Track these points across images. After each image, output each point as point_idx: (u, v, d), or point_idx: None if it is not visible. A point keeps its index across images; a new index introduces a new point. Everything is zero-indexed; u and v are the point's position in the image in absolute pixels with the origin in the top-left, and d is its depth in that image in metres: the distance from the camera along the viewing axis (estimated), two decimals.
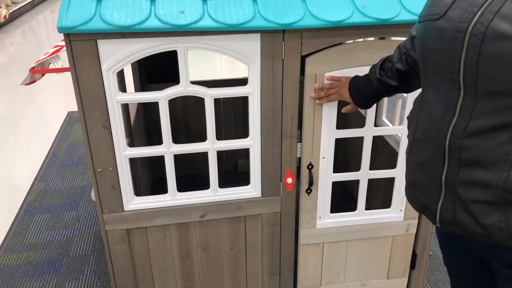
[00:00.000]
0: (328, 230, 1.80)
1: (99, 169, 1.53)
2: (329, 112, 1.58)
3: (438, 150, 0.98)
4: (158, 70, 2.50)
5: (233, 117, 2.81)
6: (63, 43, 1.85)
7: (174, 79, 2.68)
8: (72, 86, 1.40)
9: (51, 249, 2.35)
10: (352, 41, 1.58)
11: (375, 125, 2.25)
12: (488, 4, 0.88)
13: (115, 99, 1.44)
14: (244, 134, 2.84)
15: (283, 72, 1.50)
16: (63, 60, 1.69)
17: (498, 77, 0.87)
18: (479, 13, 0.89)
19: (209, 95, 1.49)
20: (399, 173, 1.74)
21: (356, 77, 1.46)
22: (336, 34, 1.47)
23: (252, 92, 1.51)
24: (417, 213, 1.84)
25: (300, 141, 1.64)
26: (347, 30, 1.46)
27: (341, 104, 1.52)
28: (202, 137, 1.58)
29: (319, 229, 1.79)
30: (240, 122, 2.82)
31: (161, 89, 1.47)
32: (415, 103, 1.13)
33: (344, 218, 1.79)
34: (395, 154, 1.93)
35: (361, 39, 1.67)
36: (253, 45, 1.44)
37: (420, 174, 1.06)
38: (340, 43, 1.51)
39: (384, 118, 2.23)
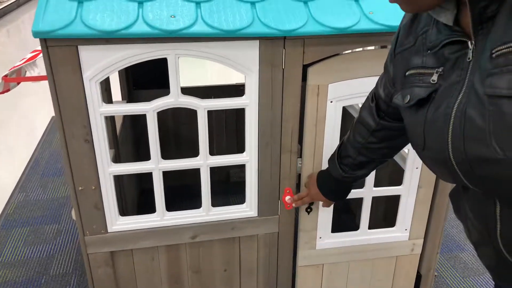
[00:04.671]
0: (328, 251, 1.68)
1: (80, 188, 1.38)
2: (332, 125, 1.46)
3: (501, 257, 0.86)
4: (147, 75, 2.36)
5: (225, 125, 2.68)
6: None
7: (164, 84, 2.56)
8: None
9: (29, 267, 2.19)
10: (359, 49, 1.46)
11: None
12: (452, 128, 0.77)
13: (98, 111, 1.30)
14: (237, 143, 2.73)
15: (283, 83, 1.37)
16: (40, 68, 1.54)
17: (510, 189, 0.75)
18: (449, 140, 0.77)
19: (202, 107, 1.36)
20: (404, 191, 1.63)
21: (322, 179, 1.42)
22: (341, 41, 1.35)
23: (249, 103, 1.39)
24: (423, 233, 1.72)
25: (300, 156, 1.52)
26: (354, 37, 1.34)
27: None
28: (194, 147, 1.45)
29: (319, 250, 1.67)
30: (233, 131, 2.69)
31: (150, 95, 1.34)
32: (453, 197, 1.00)
33: (346, 238, 1.67)
34: (398, 170, 1.82)
35: (370, 47, 1.56)
36: (251, 53, 1.31)
37: (501, 278, 0.94)
38: (344, 52, 1.39)
39: None
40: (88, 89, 1.26)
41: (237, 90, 2.57)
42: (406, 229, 1.70)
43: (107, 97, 1.60)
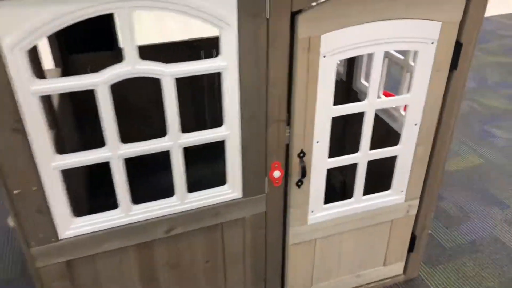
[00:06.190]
0: (321, 224, 1.49)
1: (16, 191, 1.07)
2: (326, 85, 1.22)
3: None
4: (83, 35, 1.97)
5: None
6: None
7: (104, 46, 2.16)
8: None
9: None
10: None
11: (355, 90, 1.93)
12: None
13: (28, 90, 0.97)
14: (194, 115, 2.41)
15: (269, 37, 1.10)
16: None
17: None
18: None
19: (169, 75, 1.06)
20: (402, 151, 1.45)
21: None
22: None
23: (228, 66, 1.10)
24: (419, 193, 1.58)
25: (289, 124, 1.27)
26: None
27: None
28: (145, 120, 1.16)
29: (311, 225, 1.48)
30: (186, 97, 2.36)
31: (88, 61, 1.04)
32: None
33: (339, 209, 1.49)
34: (386, 130, 1.64)
35: None
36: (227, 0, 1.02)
37: None
38: None
39: (362, 81, 1.90)
40: (12, 61, 0.92)
41: (191, 47, 2.24)
42: (402, 191, 1.54)
43: (37, 72, 1.24)
